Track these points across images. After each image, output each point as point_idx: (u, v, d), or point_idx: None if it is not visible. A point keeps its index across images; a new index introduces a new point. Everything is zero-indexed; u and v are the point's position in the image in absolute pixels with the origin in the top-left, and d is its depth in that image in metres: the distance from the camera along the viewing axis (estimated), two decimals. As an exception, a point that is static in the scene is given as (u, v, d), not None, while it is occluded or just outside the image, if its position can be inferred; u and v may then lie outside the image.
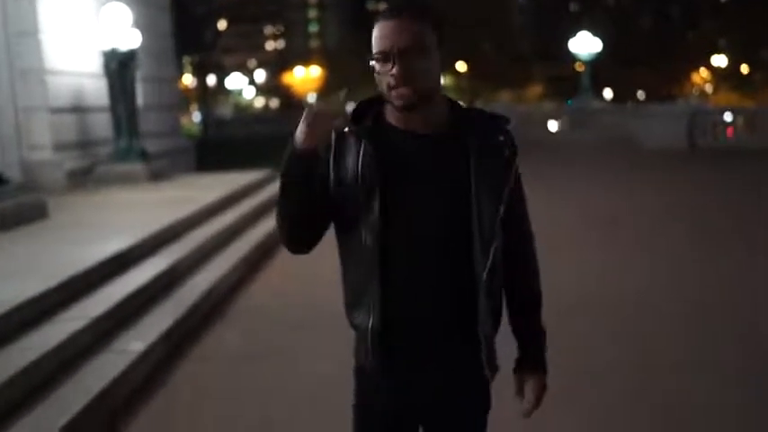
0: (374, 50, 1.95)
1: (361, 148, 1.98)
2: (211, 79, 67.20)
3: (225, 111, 73.98)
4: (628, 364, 4.98)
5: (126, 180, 11.68)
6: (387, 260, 1.98)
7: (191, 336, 5.73)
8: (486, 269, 2.00)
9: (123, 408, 4.45)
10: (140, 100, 12.74)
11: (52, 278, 5.41)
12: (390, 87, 1.94)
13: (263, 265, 8.05)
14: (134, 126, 12.27)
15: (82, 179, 11.70)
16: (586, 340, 5.40)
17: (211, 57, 66.68)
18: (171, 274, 6.51)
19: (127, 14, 12.11)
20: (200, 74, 61.02)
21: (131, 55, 12.11)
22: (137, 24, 12.40)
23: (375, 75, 1.97)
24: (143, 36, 12.53)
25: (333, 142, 2.00)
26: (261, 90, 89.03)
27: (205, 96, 58.46)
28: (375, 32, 1.95)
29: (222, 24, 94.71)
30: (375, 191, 1.96)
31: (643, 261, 7.93)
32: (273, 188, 12.35)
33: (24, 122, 11.43)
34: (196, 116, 58.53)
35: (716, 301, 6.41)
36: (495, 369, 2.11)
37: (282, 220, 2.01)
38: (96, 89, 12.40)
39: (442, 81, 2.07)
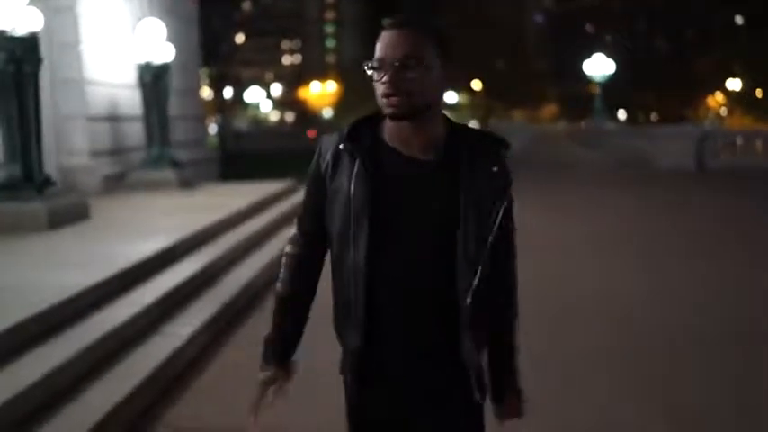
0: (374, 58, 1.97)
1: (355, 168, 1.99)
2: (228, 92, 68.09)
3: (240, 124, 74.78)
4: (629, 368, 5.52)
5: (157, 186, 12.27)
6: (374, 281, 2.00)
7: (233, 323, 6.40)
8: (470, 294, 1.99)
9: (176, 382, 5.03)
10: (170, 110, 13.38)
11: (107, 269, 5.99)
12: (382, 96, 1.95)
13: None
14: (165, 135, 12.91)
15: (115, 184, 12.31)
16: (589, 341, 5.95)
17: (228, 69, 67.50)
18: (211, 269, 7.11)
19: (161, 29, 12.77)
20: (216, 86, 61.86)
21: (165, 68, 12.77)
22: (168, 38, 13.06)
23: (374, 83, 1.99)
24: (174, 49, 13.19)
25: (329, 159, 2.05)
26: (277, 104, 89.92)
27: (222, 109, 59.25)
28: (379, 40, 1.97)
29: (240, 38, 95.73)
30: (365, 212, 1.97)
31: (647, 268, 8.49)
32: (298, 197, 12.96)
33: (63, 129, 12.05)
34: (212, 128, 59.35)
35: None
36: (484, 390, 2.11)
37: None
38: (130, 99, 13.06)
39: (457, 99, 2.19)
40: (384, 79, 1.93)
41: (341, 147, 2.02)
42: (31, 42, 8.18)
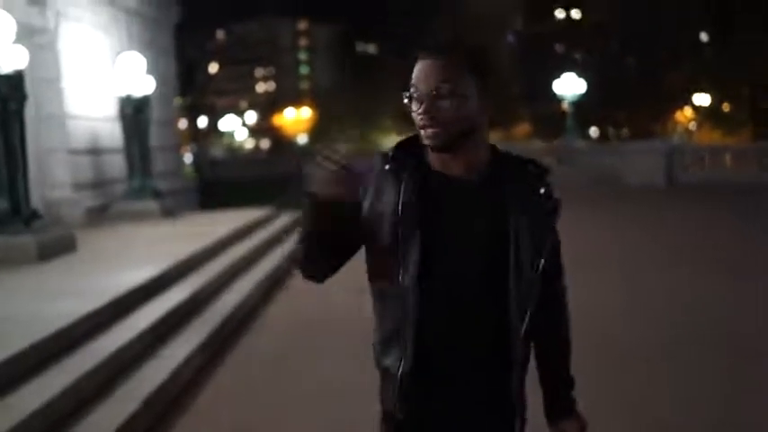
0: (410, 86, 1.95)
1: (402, 187, 1.94)
2: (203, 121, 68.30)
3: (216, 152, 74.84)
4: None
5: (140, 217, 12.45)
6: (423, 302, 1.95)
7: (225, 344, 6.69)
8: (525, 322, 2.00)
9: (174, 403, 5.22)
10: (150, 141, 13.57)
11: (99, 299, 6.18)
12: (419, 127, 1.94)
13: (275, 292, 8.82)
14: (147, 166, 13.12)
15: (97, 216, 12.47)
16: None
17: (203, 99, 67.70)
18: (199, 295, 7.32)
19: (141, 62, 12.99)
20: (191, 115, 62.02)
21: (145, 100, 12.98)
22: (147, 70, 13.28)
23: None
24: (154, 81, 13.41)
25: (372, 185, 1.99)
26: (252, 131, 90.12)
27: (197, 138, 59.37)
28: (414, 69, 1.94)
29: (214, 67, 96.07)
30: (416, 231, 1.92)
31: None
32: (278, 224, 13.17)
33: (45, 162, 12.21)
34: (187, 158, 59.31)
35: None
36: (524, 417, 2.12)
37: (305, 249, 2.00)
38: (111, 132, 13.25)
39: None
40: (420, 110, 1.92)
41: (387, 167, 1.98)
42: (16, 80, 8.38)
